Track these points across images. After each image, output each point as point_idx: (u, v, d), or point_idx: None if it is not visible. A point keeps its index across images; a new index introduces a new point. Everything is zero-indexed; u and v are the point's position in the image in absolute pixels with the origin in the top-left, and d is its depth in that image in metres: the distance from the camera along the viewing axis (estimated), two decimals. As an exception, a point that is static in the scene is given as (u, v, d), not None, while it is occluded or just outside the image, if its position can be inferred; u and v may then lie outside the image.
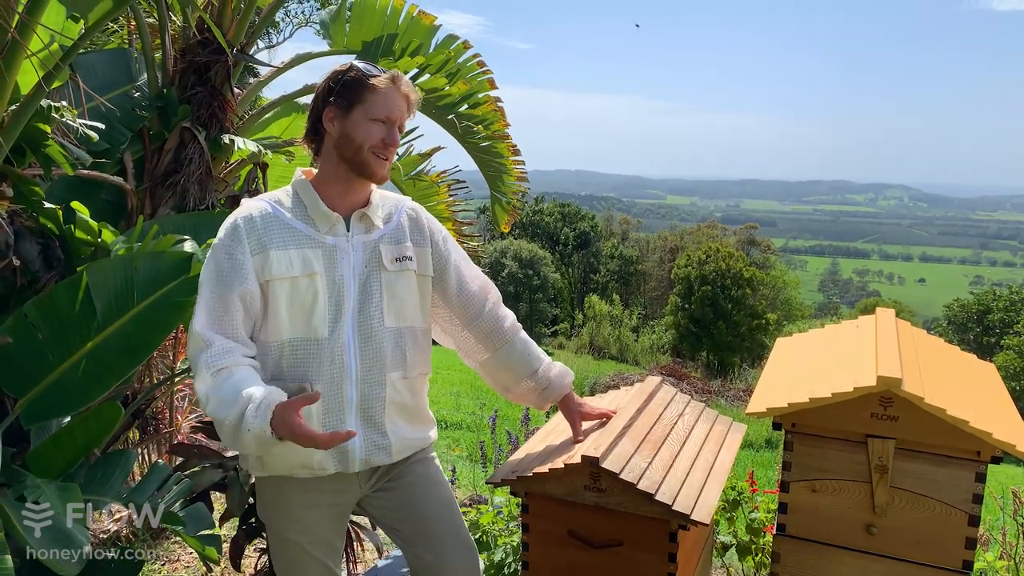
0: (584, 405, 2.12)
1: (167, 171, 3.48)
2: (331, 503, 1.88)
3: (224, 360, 1.66)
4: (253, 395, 1.59)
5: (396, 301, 1.84)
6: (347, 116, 1.77)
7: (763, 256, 42.45)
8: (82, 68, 3.32)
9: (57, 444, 2.21)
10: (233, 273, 1.72)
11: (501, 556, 2.86)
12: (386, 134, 1.78)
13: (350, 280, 1.79)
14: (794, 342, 2.44)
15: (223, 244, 1.75)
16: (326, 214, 1.79)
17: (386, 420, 1.83)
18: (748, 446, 11.74)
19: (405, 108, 1.82)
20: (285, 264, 1.73)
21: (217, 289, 1.71)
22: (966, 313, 36.01)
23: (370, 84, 1.77)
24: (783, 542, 1.96)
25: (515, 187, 4.61)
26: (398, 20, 4.05)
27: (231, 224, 1.77)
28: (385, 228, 1.87)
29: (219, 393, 1.62)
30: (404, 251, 1.86)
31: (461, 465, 5.86)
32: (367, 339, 1.79)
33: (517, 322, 2.08)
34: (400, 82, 1.80)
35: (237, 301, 1.71)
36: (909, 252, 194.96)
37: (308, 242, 1.77)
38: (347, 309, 1.78)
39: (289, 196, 1.83)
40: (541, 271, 36.44)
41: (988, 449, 1.74)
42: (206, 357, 1.66)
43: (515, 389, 2.08)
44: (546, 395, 2.06)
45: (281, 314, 1.73)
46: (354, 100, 1.77)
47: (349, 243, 1.80)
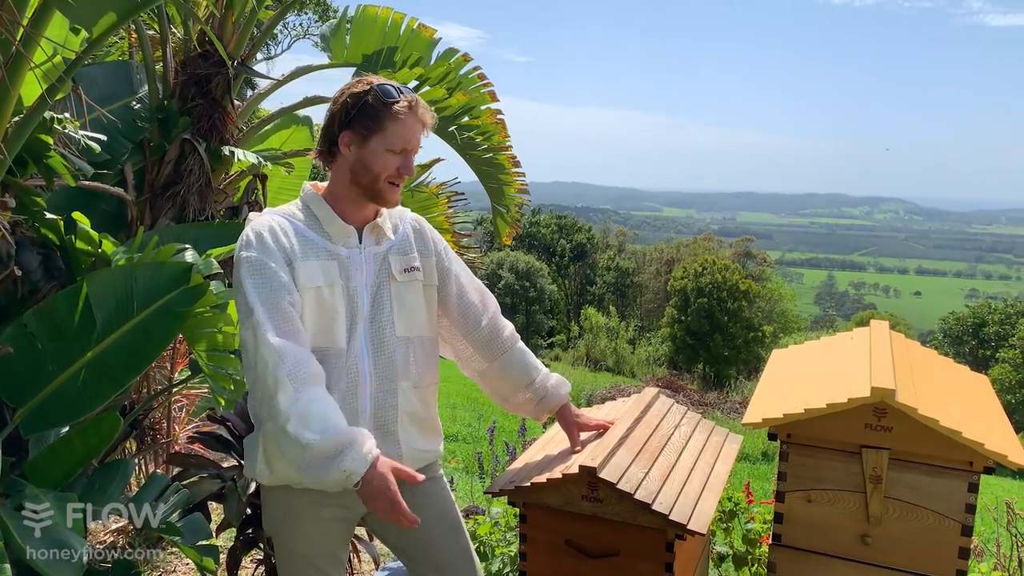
0: (582, 416, 2.12)
1: (167, 182, 3.50)
2: (338, 516, 1.88)
3: (302, 372, 1.63)
4: (356, 437, 1.60)
5: (406, 311, 1.86)
6: (365, 144, 1.76)
7: (759, 268, 42.55)
8: (84, 80, 3.34)
9: (56, 454, 2.21)
10: (277, 282, 1.69)
11: (499, 566, 2.86)
12: (403, 163, 1.78)
13: (363, 291, 1.81)
14: (789, 354, 2.46)
15: (257, 258, 1.70)
16: (342, 227, 1.80)
17: (399, 430, 1.84)
18: (745, 459, 11.73)
19: (421, 134, 1.81)
20: (311, 274, 1.74)
21: (269, 300, 1.67)
22: (962, 326, 36.10)
23: (390, 113, 1.74)
24: (779, 552, 1.97)
25: (516, 199, 4.63)
26: (398, 33, 4.09)
27: (256, 237, 1.72)
28: (394, 239, 1.89)
29: (306, 413, 1.60)
30: (412, 262, 1.88)
31: (458, 476, 5.86)
32: (379, 349, 1.81)
33: (516, 332, 2.09)
34: (418, 108, 1.78)
35: (289, 308, 1.69)
36: (905, 265, 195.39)
37: (325, 254, 1.78)
38: (361, 319, 1.79)
39: (301, 209, 1.84)
40: (538, 283, 36.49)
41: (981, 459, 1.76)
42: (285, 370, 1.61)
43: (513, 400, 2.08)
44: (543, 405, 2.07)
45: (306, 324, 1.74)
46: (373, 129, 1.74)
47: (361, 255, 1.82)
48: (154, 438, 3.59)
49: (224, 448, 2.71)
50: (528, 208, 5.24)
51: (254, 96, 4.21)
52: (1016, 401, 25.33)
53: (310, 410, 1.60)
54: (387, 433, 1.82)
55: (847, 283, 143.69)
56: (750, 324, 34.09)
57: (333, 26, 4.20)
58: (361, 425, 1.77)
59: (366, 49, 4.09)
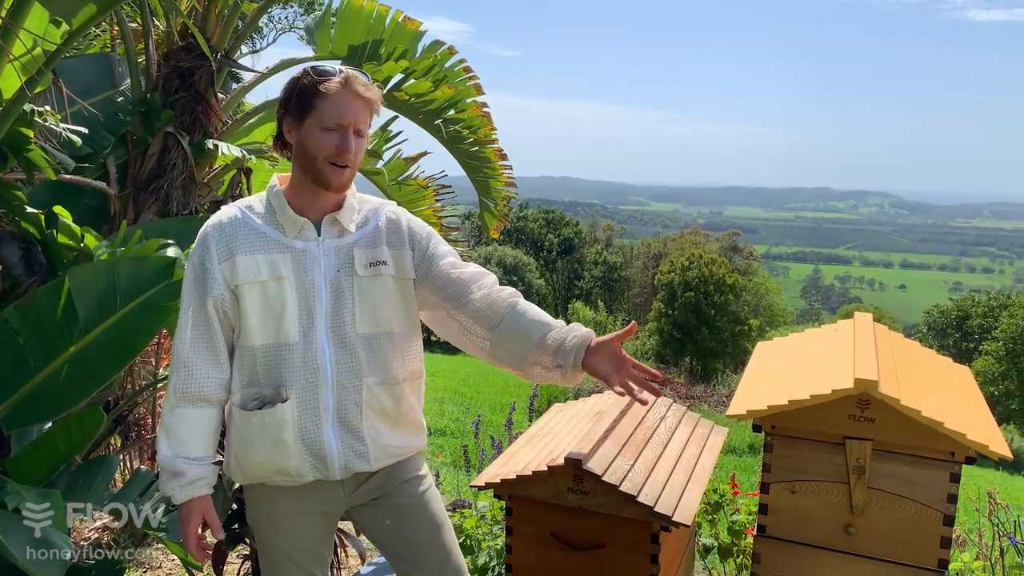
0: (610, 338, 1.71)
1: (150, 176, 3.47)
2: (316, 511, 1.86)
3: (189, 388, 1.75)
4: (188, 471, 1.74)
5: (369, 306, 1.81)
6: (301, 127, 1.73)
7: (745, 262, 42.72)
8: (65, 72, 3.31)
9: (38, 450, 2.20)
10: (205, 281, 1.75)
11: (485, 560, 2.87)
12: (339, 141, 1.71)
13: (321, 285, 1.77)
14: (774, 346, 2.47)
15: (195, 253, 1.78)
16: (293, 219, 1.78)
17: (364, 426, 1.80)
18: (731, 451, 11.80)
19: (361, 110, 1.73)
20: (252, 269, 1.73)
21: (195, 300, 1.76)
22: (946, 319, 36.43)
23: (319, 91, 1.71)
24: (764, 543, 1.98)
25: (503, 192, 4.62)
26: (383, 25, 4.07)
27: (201, 233, 1.80)
28: (360, 232, 1.83)
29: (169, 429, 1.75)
30: (378, 255, 1.82)
31: (445, 470, 5.86)
32: (342, 344, 1.78)
33: (517, 292, 1.83)
34: (353, 83, 1.72)
35: (212, 310, 1.75)
36: (890, 259, 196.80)
37: (276, 247, 1.76)
38: (319, 314, 1.76)
39: (262, 202, 1.83)
40: (526, 277, 36.49)
41: (962, 450, 1.78)
42: (175, 380, 1.76)
43: (528, 366, 1.75)
44: (560, 357, 1.70)
45: (252, 320, 1.73)
46: (306, 110, 1.72)
47: (320, 248, 1.79)
48: (139, 434, 3.57)
49: (209, 443, 2.70)
50: (516, 202, 5.23)
51: (238, 89, 4.18)
52: (999, 393, 25.59)
53: (173, 428, 1.75)
54: (352, 430, 1.79)
55: (833, 277, 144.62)
56: (737, 318, 34.25)
57: (318, 19, 4.17)
58: (324, 421, 1.76)
59: (351, 42, 4.07)
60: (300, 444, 1.75)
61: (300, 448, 1.75)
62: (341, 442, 1.78)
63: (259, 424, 1.74)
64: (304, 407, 1.75)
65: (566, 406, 2.53)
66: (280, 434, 1.74)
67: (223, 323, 1.77)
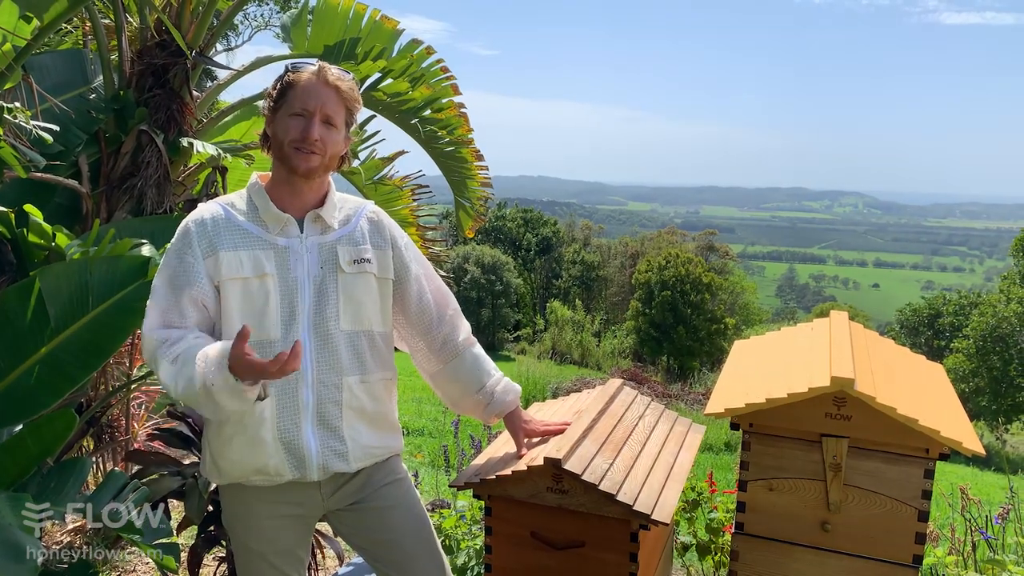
0: (531, 422, 2.10)
1: (124, 174, 3.42)
2: (293, 514, 1.85)
3: (178, 347, 1.67)
4: (207, 354, 1.60)
5: (353, 304, 1.81)
6: (275, 118, 1.78)
7: (722, 262, 43.06)
8: (35, 69, 3.25)
9: (8, 453, 2.15)
10: (184, 276, 1.73)
11: (464, 560, 2.86)
12: (304, 125, 1.73)
13: (304, 282, 1.77)
14: (751, 345, 2.49)
15: (174, 248, 1.77)
16: (276, 215, 1.77)
17: (343, 425, 1.79)
18: (708, 449, 11.88)
19: (330, 98, 1.75)
20: (235, 265, 1.73)
21: (170, 294, 1.73)
22: (918, 317, 36.94)
23: (291, 81, 1.75)
24: (741, 540, 2.00)
25: (479, 192, 4.62)
26: (360, 24, 4.04)
27: (182, 228, 1.78)
28: (343, 230, 1.84)
29: (181, 373, 1.63)
30: (363, 253, 1.83)
31: (424, 471, 5.84)
32: (323, 342, 1.77)
33: (472, 336, 2.06)
34: (324, 72, 1.76)
35: (188, 304, 1.72)
36: (864, 258, 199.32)
37: (259, 243, 1.76)
38: (301, 311, 1.76)
39: (243, 199, 1.82)
40: (503, 276, 36.48)
41: (936, 446, 1.80)
42: (162, 351, 1.68)
43: (461, 403, 2.06)
44: (490, 410, 2.04)
45: (233, 316, 1.72)
46: (280, 101, 1.76)
47: (303, 244, 1.78)
48: (112, 435, 3.51)
49: (184, 445, 2.66)
50: (494, 202, 5.22)
51: (213, 87, 4.13)
52: (970, 390, 26.00)
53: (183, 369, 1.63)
54: (331, 428, 1.78)
55: (808, 276, 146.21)
56: (713, 316, 34.54)
57: (294, 16, 4.14)
58: (302, 419, 1.75)
59: (327, 40, 4.04)
60: (278, 443, 1.74)
61: (278, 447, 1.74)
62: (320, 442, 1.77)
63: (237, 422, 1.72)
64: (283, 405, 1.74)
65: (545, 405, 2.52)
66: (259, 432, 1.72)
67: (202, 319, 1.75)
